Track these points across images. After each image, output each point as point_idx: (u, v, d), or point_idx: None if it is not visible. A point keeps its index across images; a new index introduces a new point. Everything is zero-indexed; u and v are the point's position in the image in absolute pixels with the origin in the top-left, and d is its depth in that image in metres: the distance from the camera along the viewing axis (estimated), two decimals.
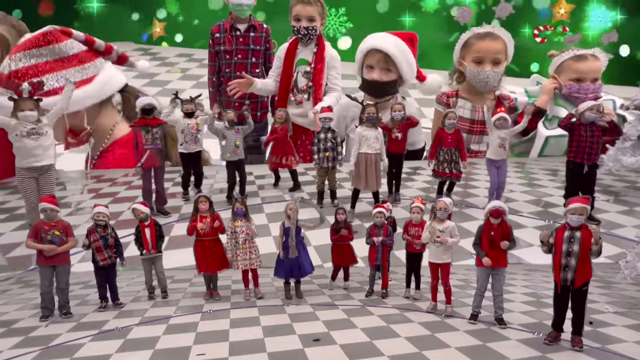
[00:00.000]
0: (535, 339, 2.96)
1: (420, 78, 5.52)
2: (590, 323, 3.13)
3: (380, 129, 4.75)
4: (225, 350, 2.87)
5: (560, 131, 4.72)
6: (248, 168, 5.73)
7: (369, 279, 3.78)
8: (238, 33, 5.37)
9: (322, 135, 4.90)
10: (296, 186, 5.48)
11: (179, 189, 5.50)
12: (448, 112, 4.89)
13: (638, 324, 3.15)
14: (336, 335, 3.02)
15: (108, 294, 3.61)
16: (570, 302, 2.92)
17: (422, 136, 5.86)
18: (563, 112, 4.97)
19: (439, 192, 5.09)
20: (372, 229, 3.72)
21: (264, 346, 2.90)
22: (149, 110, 4.70)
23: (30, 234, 3.44)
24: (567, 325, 2.92)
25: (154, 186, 4.95)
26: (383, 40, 4.57)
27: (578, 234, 2.87)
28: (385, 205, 3.81)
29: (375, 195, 4.85)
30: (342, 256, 3.88)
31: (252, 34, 5.44)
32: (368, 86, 4.73)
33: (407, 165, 5.11)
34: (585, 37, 11.82)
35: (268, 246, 4.18)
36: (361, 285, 3.92)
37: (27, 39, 5.69)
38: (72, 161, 7.05)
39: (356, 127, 4.74)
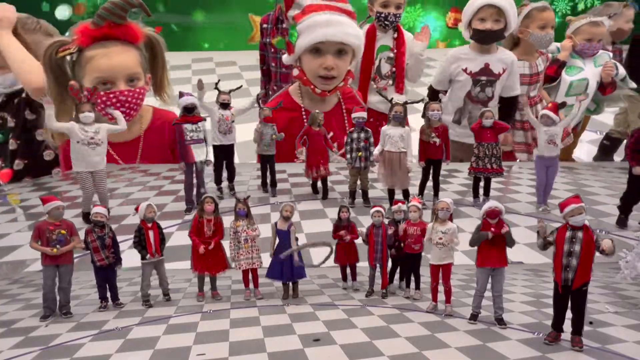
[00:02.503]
0: (535, 339, 2.96)
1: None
2: (590, 323, 3.13)
3: (407, 128, 4.65)
4: (225, 350, 2.87)
5: (580, 75, 5.91)
6: (281, 166, 5.73)
7: (369, 279, 3.77)
8: (284, 26, 5.26)
9: (355, 135, 4.82)
10: (325, 194, 5.24)
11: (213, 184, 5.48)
12: (485, 112, 4.70)
13: (638, 324, 3.15)
14: (336, 335, 3.02)
15: (108, 294, 3.61)
16: (570, 302, 2.92)
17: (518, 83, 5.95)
18: (578, 62, 6.11)
19: (475, 194, 4.88)
20: (370, 230, 3.72)
21: (264, 346, 2.90)
22: (191, 108, 4.82)
23: (33, 235, 3.44)
24: (567, 325, 2.92)
25: (195, 181, 5.05)
26: None
27: (580, 234, 2.86)
28: (398, 204, 3.77)
29: (405, 193, 4.76)
30: (346, 255, 3.85)
31: None
32: (481, 35, 5.24)
33: (443, 168, 4.98)
34: None
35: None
36: (361, 285, 3.92)
37: None
38: None
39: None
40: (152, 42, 4.39)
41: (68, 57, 4.36)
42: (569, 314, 2.93)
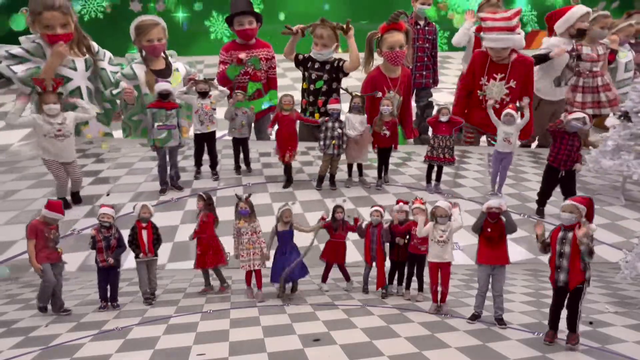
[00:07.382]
0: (535, 339, 2.97)
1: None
2: (590, 323, 3.14)
3: (365, 115, 5.17)
4: (225, 350, 2.87)
5: (629, 57, 7.81)
6: (252, 144, 5.89)
7: (363, 277, 3.78)
8: (419, 27, 7.32)
9: (329, 124, 5.09)
10: (289, 182, 5.41)
11: (190, 163, 5.66)
12: (442, 108, 5.07)
13: (638, 324, 3.16)
14: (336, 335, 3.02)
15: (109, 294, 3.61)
16: (566, 301, 2.93)
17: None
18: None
19: (428, 179, 5.34)
20: (367, 228, 3.71)
21: (264, 346, 2.90)
22: (165, 94, 4.96)
23: (29, 234, 3.44)
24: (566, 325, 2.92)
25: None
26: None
27: (570, 234, 2.88)
28: (399, 204, 3.76)
29: (359, 167, 5.47)
30: (334, 253, 3.82)
31: (426, 27, 7.51)
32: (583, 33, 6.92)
33: (402, 150, 5.86)
34: None
35: (270, 227, 3.91)
36: (361, 285, 3.92)
37: None
38: None
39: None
40: (407, 30, 5.92)
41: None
42: (564, 314, 2.93)
